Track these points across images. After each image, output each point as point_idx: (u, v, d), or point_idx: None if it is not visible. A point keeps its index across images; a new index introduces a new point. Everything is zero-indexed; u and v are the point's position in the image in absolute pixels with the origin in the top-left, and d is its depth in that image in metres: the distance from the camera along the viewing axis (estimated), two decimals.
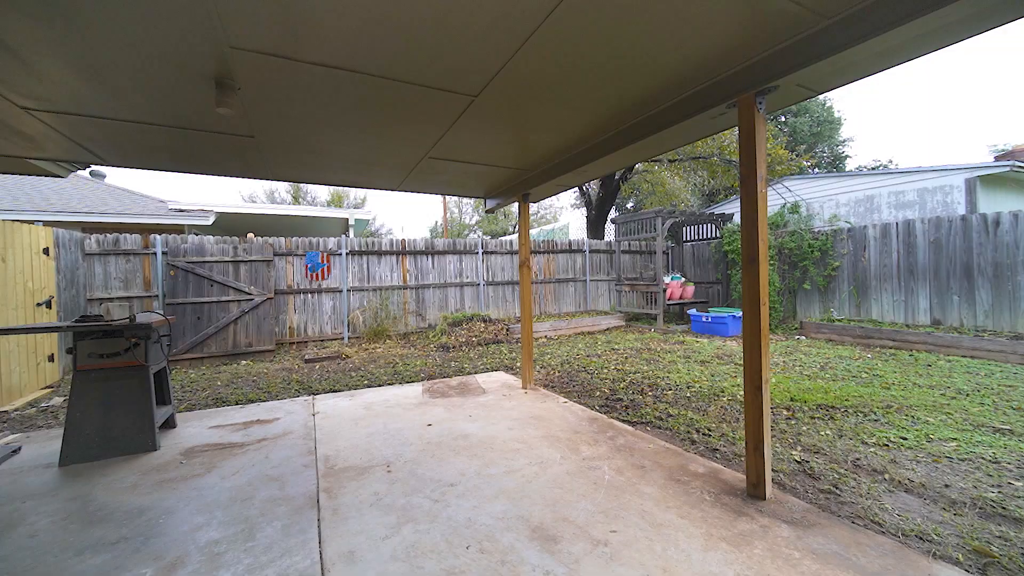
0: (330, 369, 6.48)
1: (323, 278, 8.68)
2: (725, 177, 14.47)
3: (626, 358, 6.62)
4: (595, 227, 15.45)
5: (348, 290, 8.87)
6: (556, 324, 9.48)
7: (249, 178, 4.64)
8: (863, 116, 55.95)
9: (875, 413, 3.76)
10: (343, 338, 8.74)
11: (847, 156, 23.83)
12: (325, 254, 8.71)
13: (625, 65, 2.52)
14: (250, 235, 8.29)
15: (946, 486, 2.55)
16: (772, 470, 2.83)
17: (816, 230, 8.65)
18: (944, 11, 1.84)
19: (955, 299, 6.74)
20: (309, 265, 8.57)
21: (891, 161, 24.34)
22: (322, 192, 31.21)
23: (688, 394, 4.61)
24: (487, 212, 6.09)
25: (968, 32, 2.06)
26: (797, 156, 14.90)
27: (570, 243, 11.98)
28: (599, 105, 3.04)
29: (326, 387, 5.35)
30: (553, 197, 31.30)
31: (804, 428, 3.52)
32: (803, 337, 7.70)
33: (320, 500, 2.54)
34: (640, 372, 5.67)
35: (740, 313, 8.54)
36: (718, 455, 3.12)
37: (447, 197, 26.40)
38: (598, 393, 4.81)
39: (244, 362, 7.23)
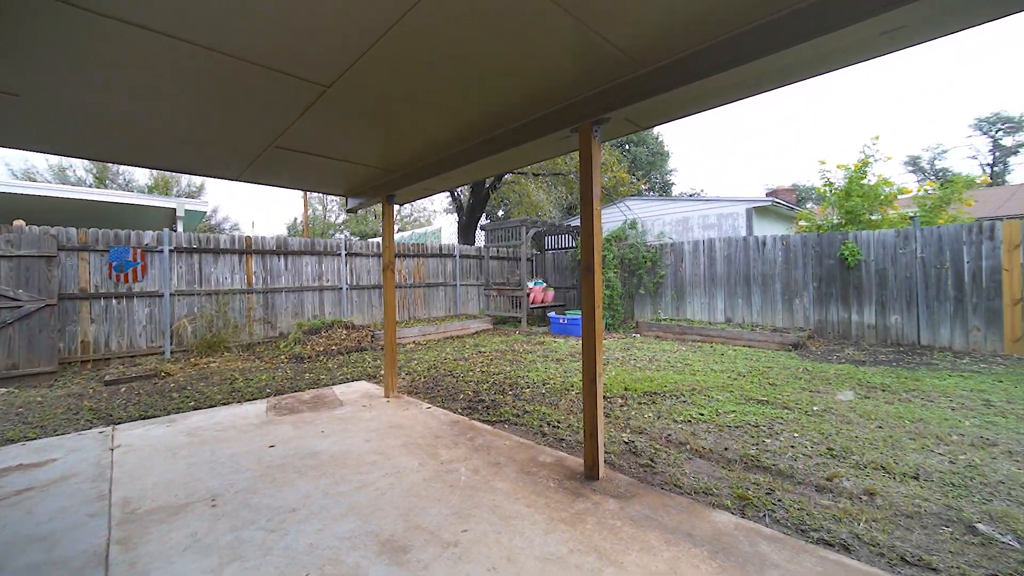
0: (142, 391, 5.32)
1: (136, 280, 7.10)
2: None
3: (491, 360, 6.87)
4: (466, 233, 15.74)
5: (172, 294, 7.41)
6: (425, 329, 9.35)
7: (12, 148, 3.55)
8: (685, 151, 68.17)
9: (684, 395, 4.59)
10: (163, 353, 7.26)
11: (673, 184, 28.80)
12: (139, 251, 7.14)
13: (479, 85, 2.64)
14: (18, 222, 6.33)
15: (725, 449, 3.25)
16: (605, 452, 3.24)
17: (649, 244, 10.21)
18: (736, 71, 2.30)
19: (739, 301, 8.65)
20: (115, 264, 6.92)
21: (702, 190, 30.15)
22: (142, 175, 25.55)
23: (543, 391, 4.99)
24: (348, 212, 5.73)
25: (760, 89, 2.64)
26: (637, 180, 17.39)
27: (441, 247, 11.97)
28: (458, 115, 3.12)
29: (134, 414, 4.38)
30: (427, 201, 30.83)
31: (633, 413, 4.11)
32: (638, 335, 9.01)
33: (111, 555, 2.07)
34: (503, 373, 5.94)
35: None
36: (564, 444, 3.45)
37: (309, 193, 24.01)
38: (462, 396, 4.88)
39: (5, 390, 5.48)
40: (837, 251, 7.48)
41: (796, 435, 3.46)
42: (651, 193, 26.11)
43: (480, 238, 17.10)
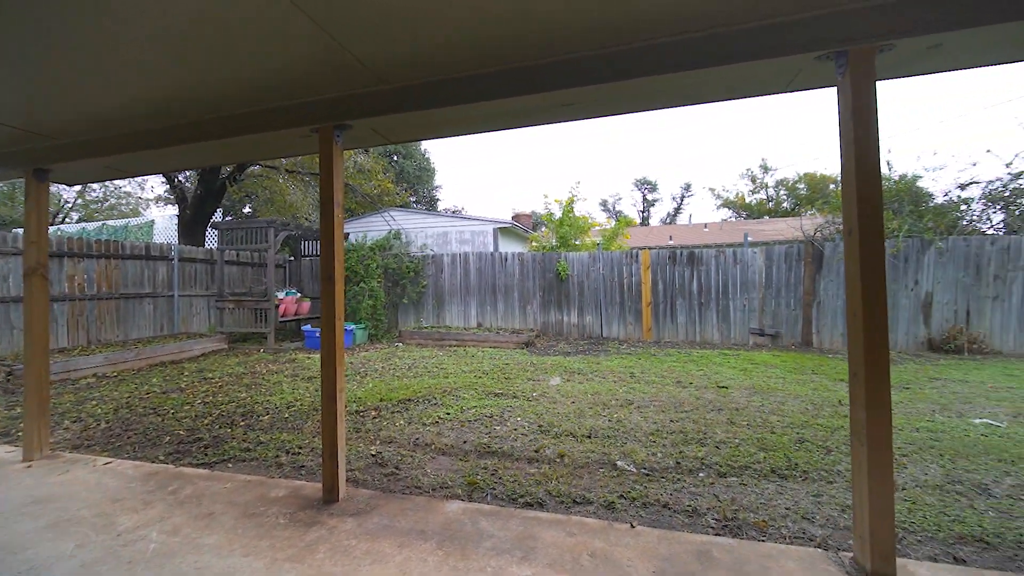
0: None
1: None
2: (345, 199, 15.27)
3: (220, 387, 5.68)
4: (191, 230, 12.60)
5: None
6: (118, 355, 6.95)
7: None
8: (450, 170, 73.92)
9: (436, 398, 4.90)
10: None
11: (439, 199, 30.72)
12: None
13: (191, 52, 2.18)
14: None
15: (464, 442, 3.63)
16: (351, 469, 3.13)
17: (412, 255, 10.53)
18: (460, 108, 2.61)
19: (488, 308, 9.91)
20: None
21: (463, 208, 33.29)
22: None
23: (287, 415, 4.44)
24: None
25: (485, 128, 3.05)
26: (404, 192, 17.71)
27: (149, 247, 9.24)
28: (161, 81, 2.50)
29: None
30: (134, 184, 23.44)
31: (385, 423, 4.12)
32: (401, 343, 9.14)
33: None
34: (236, 401, 4.99)
35: (351, 327, 9.15)
36: (304, 471, 3.15)
37: None
38: (169, 438, 3.85)
39: None
40: (554, 267, 9.50)
41: (519, 419, 4.18)
42: (418, 206, 27.06)
43: (213, 238, 14.07)
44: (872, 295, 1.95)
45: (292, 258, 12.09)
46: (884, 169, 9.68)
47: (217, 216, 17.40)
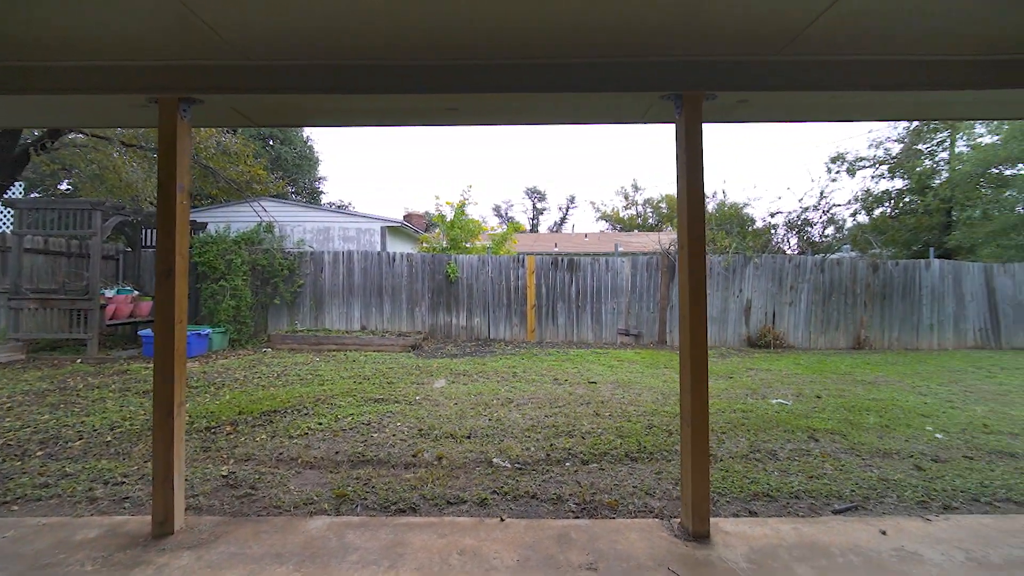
0: None
1: None
2: (204, 183, 13.22)
3: (10, 409, 4.48)
4: None
5: None
6: None
7: None
8: (338, 161, 68.67)
9: (307, 408, 4.51)
10: None
11: (322, 192, 28.36)
12: None
13: None
14: None
15: (336, 453, 3.41)
16: (192, 495, 2.72)
17: (287, 251, 9.54)
18: (334, 97, 2.47)
19: (373, 310, 9.46)
20: None
21: (351, 204, 31.26)
22: None
23: (109, 438, 3.68)
24: None
25: (363, 123, 2.99)
26: (279, 180, 15.97)
27: None
28: None
29: None
30: None
31: (243, 439, 3.66)
32: (269, 349, 8.21)
33: None
34: (32, 425, 3.98)
35: (208, 330, 7.95)
36: (129, 503, 2.65)
37: None
38: None
39: None
40: (444, 269, 9.46)
41: (399, 424, 4.07)
42: (297, 197, 24.65)
43: (8, 219, 11.13)
44: (696, 299, 2.33)
45: (129, 249, 10.07)
46: (720, 196, 11.67)
47: (17, 192, 13.69)
